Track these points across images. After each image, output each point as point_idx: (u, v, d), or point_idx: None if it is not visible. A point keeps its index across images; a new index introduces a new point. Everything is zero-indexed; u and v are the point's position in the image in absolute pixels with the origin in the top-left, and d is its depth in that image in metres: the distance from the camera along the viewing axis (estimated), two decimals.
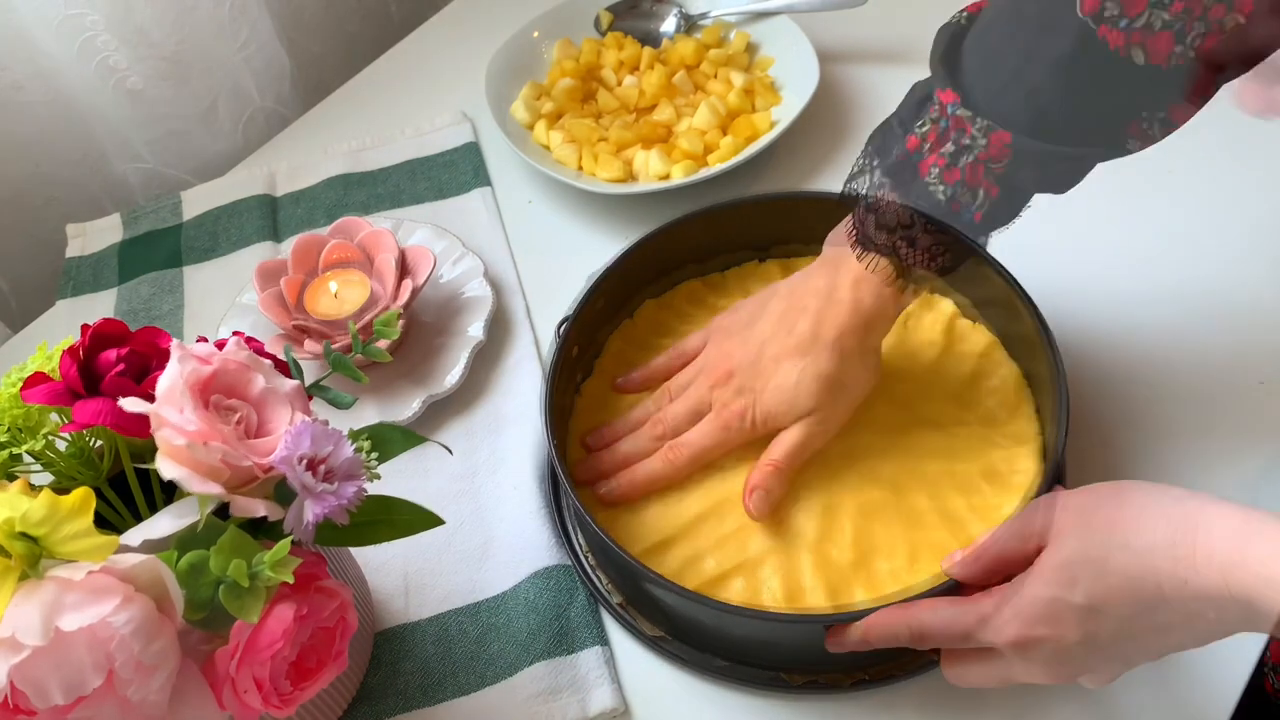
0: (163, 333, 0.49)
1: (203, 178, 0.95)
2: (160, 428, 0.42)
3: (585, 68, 0.90)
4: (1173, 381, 0.67)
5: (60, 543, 0.39)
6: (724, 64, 0.88)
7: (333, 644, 0.45)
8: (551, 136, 0.85)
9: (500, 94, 0.88)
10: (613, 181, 0.81)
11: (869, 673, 0.56)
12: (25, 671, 0.37)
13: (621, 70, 0.90)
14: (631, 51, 0.90)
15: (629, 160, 0.82)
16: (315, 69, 1.06)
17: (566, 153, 0.83)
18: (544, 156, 0.84)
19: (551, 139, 0.85)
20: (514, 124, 0.87)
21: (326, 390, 0.52)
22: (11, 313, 0.93)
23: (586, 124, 0.84)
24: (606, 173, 0.81)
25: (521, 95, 0.88)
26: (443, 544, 0.65)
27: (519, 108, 0.87)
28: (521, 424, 0.70)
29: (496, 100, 0.87)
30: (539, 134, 0.86)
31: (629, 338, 0.71)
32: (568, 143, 0.84)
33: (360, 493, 0.45)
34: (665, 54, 0.90)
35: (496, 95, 0.87)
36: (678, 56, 0.89)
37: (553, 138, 0.85)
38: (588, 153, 0.83)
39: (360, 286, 0.72)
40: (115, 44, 0.86)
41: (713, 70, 0.89)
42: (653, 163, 0.81)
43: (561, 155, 0.83)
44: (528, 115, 0.87)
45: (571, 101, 0.87)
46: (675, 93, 0.87)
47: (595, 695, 0.58)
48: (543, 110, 0.87)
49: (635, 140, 0.83)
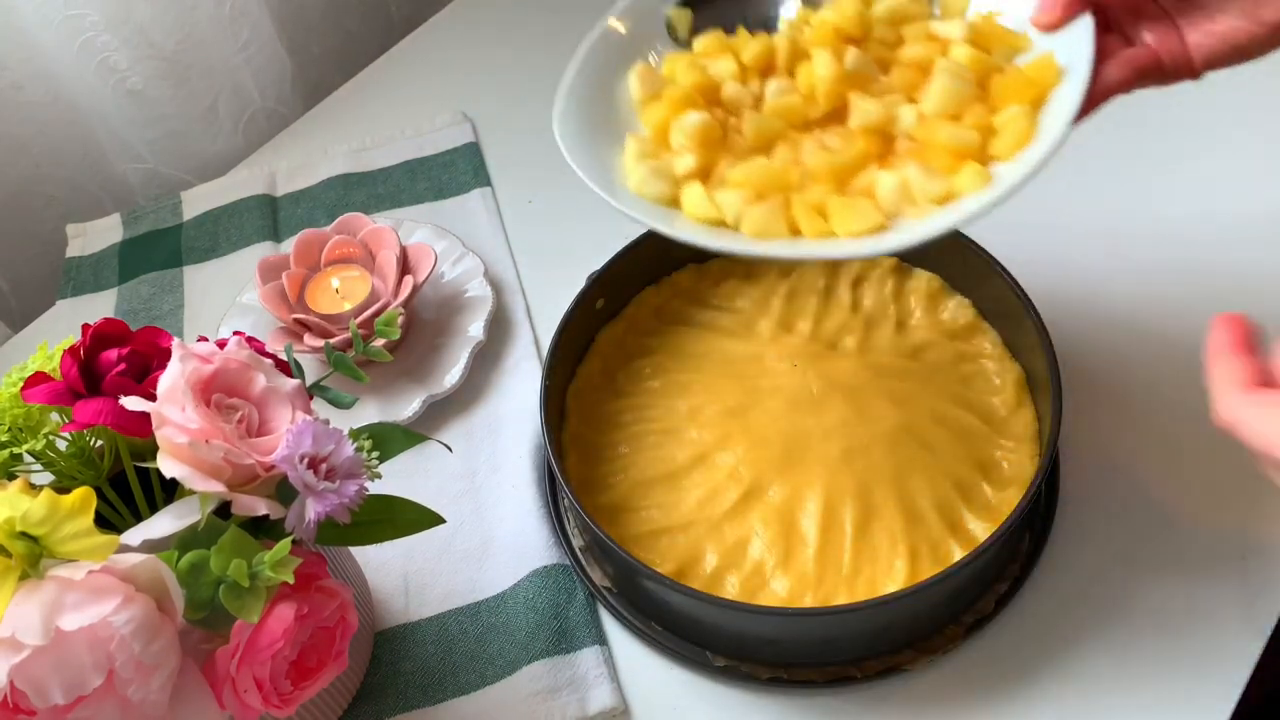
0: (163, 332, 0.49)
1: (203, 178, 0.95)
2: (162, 426, 0.42)
3: (698, 93, 0.57)
4: (1170, 377, 0.67)
5: (60, 542, 0.39)
6: (909, 19, 0.57)
7: (333, 644, 0.45)
8: (723, 202, 0.52)
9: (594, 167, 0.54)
10: (869, 234, 0.50)
11: (864, 669, 0.57)
12: (25, 671, 0.37)
13: (751, 79, 0.58)
14: (756, 49, 0.57)
15: (867, 192, 0.52)
16: (315, 69, 1.06)
17: (764, 218, 0.51)
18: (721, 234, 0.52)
19: (725, 206, 0.52)
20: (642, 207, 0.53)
21: (327, 390, 0.52)
22: (11, 313, 0.93)
23: (770, 166, 0.53)
24: (856, 223, 0.50)
25: (634, 161, 0.55)
26: (443, 544, 0.65)
27: (646, 182, 0.53)
28: (521, 424, 0.70)
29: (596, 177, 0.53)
30: (695, 205, 0.53)
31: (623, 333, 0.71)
32: (757, 202, 0.52)
33: (361, 491, 0.45)
34: (803, 38, 0.58)
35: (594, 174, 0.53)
36: (827, 32, 0.57)
37: (726, 203, 0.52)
38: (800, 206, 0.52)
39: (362, 283, 0.72)
40: (115, 44, 0.86)
41: (894, 34, 0.57)
42: (919, 183, 0.51)
43: (760, 224, 0.51)
44: (664, 185, 0.54)
45: (715, 144, 0.55)
46: (864, 81, 0.56)
47: (595, 694, 0.58)
48: (682, 171, 0.54)
49: (852, 164, 0.53)
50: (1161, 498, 0.62)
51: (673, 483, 0.63)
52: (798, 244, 0.51)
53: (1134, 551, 0.60)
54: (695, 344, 0.70)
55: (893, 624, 0.56)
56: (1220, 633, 0.56)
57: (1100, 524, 0.61)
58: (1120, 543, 0.61)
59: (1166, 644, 0.56)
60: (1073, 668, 0.56)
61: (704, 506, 0.62)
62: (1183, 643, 0.56)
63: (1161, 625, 0.57)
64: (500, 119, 0.94)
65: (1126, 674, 0.55)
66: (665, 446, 0.65)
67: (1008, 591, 0.59)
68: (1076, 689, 0.55)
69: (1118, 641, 0.57)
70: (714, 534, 0.60)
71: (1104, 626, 0.57)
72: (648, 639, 0.60)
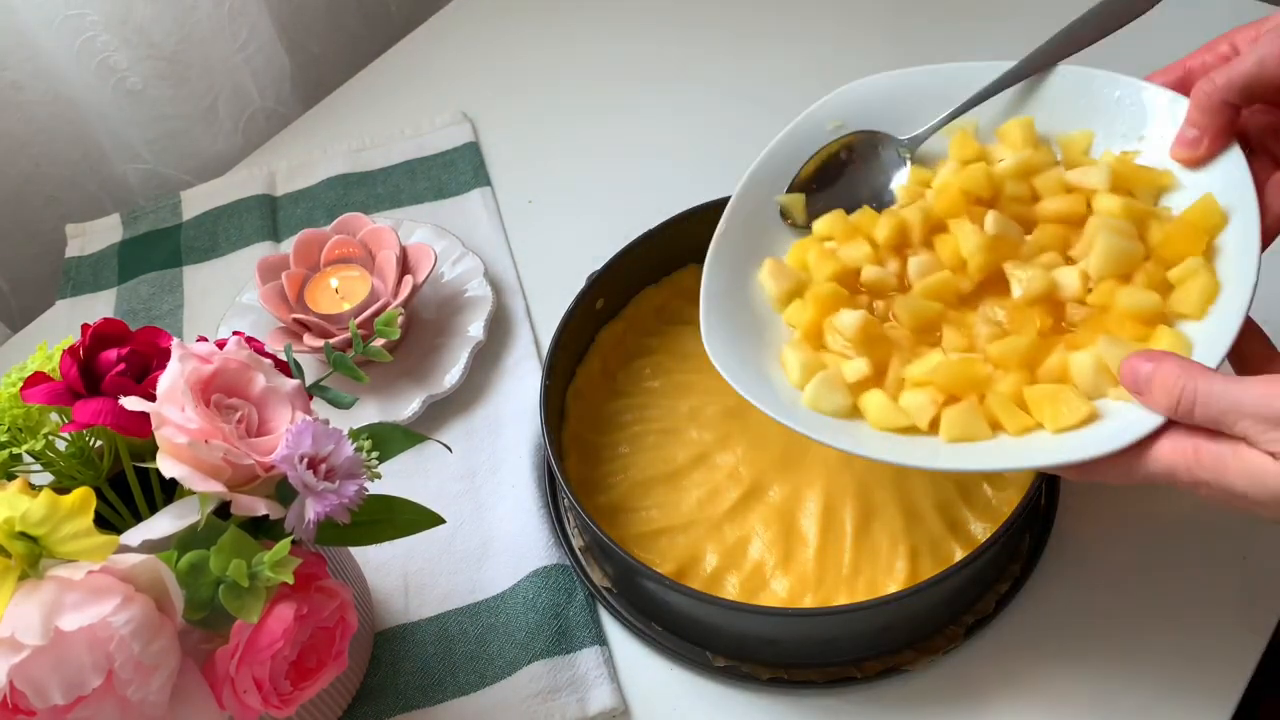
0: (163, 332, 0.49)
1: (203, 178, 0.95)
2: (161, 426, 0.42)
3: (840, 280, 0.54)
4: None
5: (60, 542, 0.39)
6: (1037, 169, 0.55)
7: (333, 644, 0.45)
8: (911, 406, 0.50)
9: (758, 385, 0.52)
10: (1080, 426, 0.47)
11: (864, 669, 0.57)
12: (25, 671, 0.37)
13: (888, 258, 0.55)
14: (889, 227, 0.55)
15: (1061, 376, 0.49)
16: (315, 69, 1.06)
17: (964, 421, 0.49)
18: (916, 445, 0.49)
19: (915, 411, 0.50)
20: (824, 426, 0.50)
21: (327, 390, 0.52)
22: (11, 313, 0.93)
23: (955, 363, 0.50)
24: (1066, 416, 0.47)
25: (798, 371, 0.52)
26: (443, 544, 0.65)
27: (821, 397, 0.51)
28: (521, 424, 0.70)
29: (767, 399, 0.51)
30: (881, 415, 0.50)
31: (623, 333, 0.71)
32: (946, 400, 0.50)
33: (361, 491, 0.45)
34: (933, 207, 0.55)
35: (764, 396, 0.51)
36: (956, 197, 0.54)
37: (914, 407, 0.50)
38: (997, 402, 0.49)
39: (361, 283, 0.72)
40: (115, 44, 0.86)
41: (1026, 188, 0.55)
42: (1117, 359, 0.47)
43: (961, 427, 0.49)
44: (839, 396, 0.51)
45: (877, 341, 0.52)
46: (1011, 245, 0.53)
47: (594, 694, 0.58)
48: (854, 378, 0.51)
49: (1038, 347, 0.50)
50: (1162, 497, 0.62)
51: (673, 483, 0.63)
52: (1017, 451, 0.47)
53: (1134, 552, 0.60)
54: (695, 344, 0.69)
55: (893, 624, 0.56)
56: (1220, 633, 0.56)
57: (1101, 525, 0.61)
58: (1120, 543, 0.60)
59: (1166, 644, 0.56)
60: (1073, 668, 0.56)
61: (704, 506, 0.62)
62: (1183, 643, 0.56)
63: (1162, 625, 0.57)
64: (500, 119, 0.94)
65: (1127, 674, 0.55)
66: (665, 446, 0.65)
67: (1008, 592, 0.59)
68: (1077, 689, 0.55)
69: (1118, 642, 0.57)
70: (714, 534, 0.60)
71: (1104, 627, 0.57)
72: (648, 639, 0.60)
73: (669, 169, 0.86)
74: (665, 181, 0.83)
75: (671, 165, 0.86)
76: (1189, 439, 0.43)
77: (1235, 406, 0.41)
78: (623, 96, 0.94)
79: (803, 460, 0.62)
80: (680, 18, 1.00)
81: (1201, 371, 0.43)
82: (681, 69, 0.95)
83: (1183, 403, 0.43)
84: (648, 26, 1.01)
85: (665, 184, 0.81)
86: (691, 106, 0.92)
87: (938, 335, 0.53)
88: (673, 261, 0.73)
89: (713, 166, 0.83)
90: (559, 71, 0.98)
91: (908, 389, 0.51)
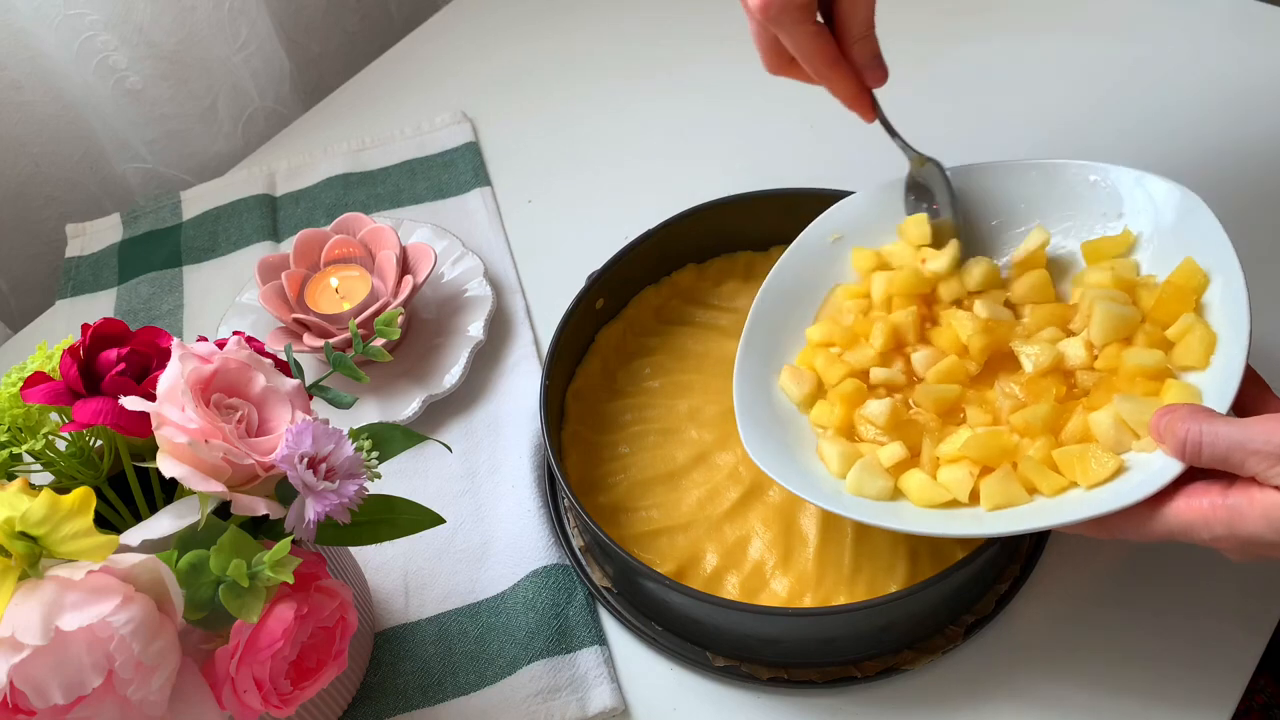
0: (163, 332, 0.49)
1: (202, 178, 0.96)
2: (161, 426, 0.42)
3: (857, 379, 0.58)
4: None
5: (60, 542, 0.39)
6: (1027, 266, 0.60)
7: (333, 644, 0.45)
8: (949, 481, 0.53)
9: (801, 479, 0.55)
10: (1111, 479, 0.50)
11: (864, 669, 0.57)
12: (25, 671, 0.37)
13: (892, 360, 0.59)
14: (882, 334, 0.59)
15: (1084, 436, 0.52)
16: (315, 69, 1.06)
17: (1002, 488, 0.51)
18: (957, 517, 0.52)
19: (954, 485, 0.52)
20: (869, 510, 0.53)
21: (327, 390, 0.52)
22: (11, 313, 0.93)
23: (985, 436, 0.53)
24: (1097, 471, 0.50)
25: (836, 461, 0.55)
26: (442, 544, 0.65)
27: (863, 483, 0.54)
28: (521, 424, 0.70)
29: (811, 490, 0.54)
30: (922, 492, 0.53)
31: (623, 333, 0.71)
32: (982, 472, 0.52)
33: (361, 491, 0.45)
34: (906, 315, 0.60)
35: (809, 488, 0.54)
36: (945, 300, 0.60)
37: (953, 481, 0.53)
38: (1029, 467, 0.52)
39: (361, 282, 0.72)
40: (115, 44, 0.86)
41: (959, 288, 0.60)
42: (1133, 414, 0.50)
43: (1000, 494, 0.51)
44: (880, 480, 0.54)
45: (905, 425, 0.56)
46: (1007, 329, 0.57)
47: (594, 694, 0.58)
48: (890, 462, 0.54)
49: (1061, 412, 0.53)
50: None
51: (673, 483, 0.63)
52: (1056, 510, 0.50)
53: (1134, 552, 0.60)
54: (695, 344, 0.70)
55: (893, 624, 0.56)
56: (1220, 633, 0.56)
57: None
58: (1120, 544, 0.60)
59: (1167, 644, 0.56)
60: (1073, 668, 0.56)
61: (704, 506, 0.62)
62: (1183, 643, 0.56)
63: (1162, 625, 0.57)
64: (500, 119, 0.94)
65: (1127, 674, 0.55)
66: (665, 446, 0.65)
67: (1008, 592, 0.59)
68: (1076, 689, 0.55)
69: (1118, 642, 0.57)
70: (714, 534, 0.60)
71: (1104, 627, 0.57)
72: (648, 639, 0.60)
73: (669, 169, 0.86)
74: (665, 181, 0.83)
75: (671, 165, 0.86)
76: (1204, 496, 0.45)
77: (1241, 445, 0.43)
78: (623, 96, 0.94)
79: None
80: (680, 18, 1.00)
81: (1207, 415, 0.45)
82: (682, 69, 0.95)
83: (1189, 444, 0.45)
84: (648, 27, 1.01)
85: (665, 184, 0.82)
86: (691, 107, 0.92)
87: (961, 415, 0.57)
88: (673, 262, 0.73)
89: (713, 167, 0.84)
90: (559, 71, 0.98)
91: (943, 465, 0.54)
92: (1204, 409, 0.46)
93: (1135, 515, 0.46)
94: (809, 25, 0.54)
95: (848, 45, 0.56)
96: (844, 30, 0.55)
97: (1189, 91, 0.84)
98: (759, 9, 0.53)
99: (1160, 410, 0.48)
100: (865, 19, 0.55)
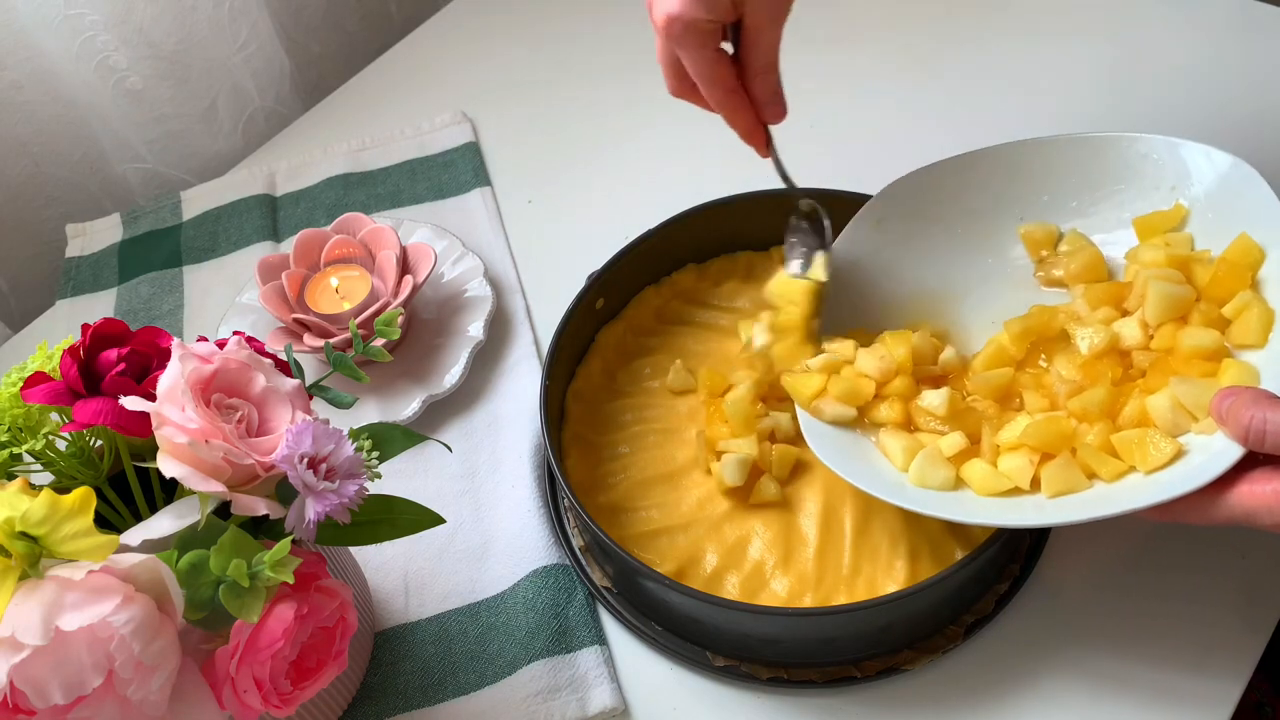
0: (163, 332, 0.49)
1: (203, 178, 0.96)
2: (162, 426, 0.42)
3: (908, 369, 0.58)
4: None
5: (60, 542, 0.39)
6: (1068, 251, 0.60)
7: (333, 644, 0.45)
8: (1010, 469, 0.53)
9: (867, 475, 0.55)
10: (1170, 464, 0.49)
11: (864, 669, 0.57)
12: (25, 671, 0.37)
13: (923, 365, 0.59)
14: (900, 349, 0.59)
15: (1142, 420, 0.52)
16: (315, 69, 1.06)
17: (1063, 475, 0.52)
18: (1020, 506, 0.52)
19: (1015, 473, 0.52)
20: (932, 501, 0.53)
21: (327, 390, 0.52)
22: (11, 312, 0.93)
23: (1043, 423, 0.53)
24: (1156, 456, 0.50)
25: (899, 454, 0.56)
26: (442, 544, 0.65)
27: (926, 473, 0.54)
28: (521, 424, 0.70)
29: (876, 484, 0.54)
30: (984, 481, 0.53)
31: (623, 333, 0.71)
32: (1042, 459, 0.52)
33: (361, 491, 0.45)
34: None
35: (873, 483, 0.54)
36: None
37: (1014, 469, 0.52)
38: (1088, 453, 0.52)
39: (361, 283, 0.72)
40: (115, 44, 0.86)
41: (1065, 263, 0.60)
42: (1190, 397, 0.50)
43: (1061, 481, 0.52)
44: (942, 470, 0.54)
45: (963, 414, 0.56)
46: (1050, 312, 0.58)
47: (594, 694, 0.58)
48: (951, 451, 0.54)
49: (1118, 396, 0.53)
50: None
51: (673, 483, 0.63)
52: (1117, 496, 0.50)
53: (1134, 551, 0.60)
54: (695, 344, 0.70)
55: (893, 624, 0.56)
56: (1220, 633, 0.56)
57: (1100, 525, 0.61)
58: (1120, 543, 0.60)
59: (1166, 644, 0.56)
60: (1073, 668, 0.56)
61: (704, 506, 0.62)
62: (1183, 643, 0.56)
63: (1161, 625, 0.57)
64: (500, 119, 0.94)
65: (1127, 674, 0.55)
66: (665, 446, 0.65)
67: (1008, 591, 0.59)
68: (1076, 689, 0.55)
69: (1118, 641, 0.57)
70: (714, 534, 0.60)
71: (1104, 627, 0.57)
72: (648, 639, 0.60)
73: (669, 169, 0.86)
74: (665, 181, 0.83)
75: (671, 165, 0.86)
76: (1268, 483, 0.45)
77: None
78: (623, 97, 0.94)
79: (802, 459, 0.62)
80: None
81: (1271, 403, 0.45)
82: None
83: (1253, 431, 0.45)
84: (649, 26, 1.00)
85: (665, 184, 0.82)
86: (692, 107, 0.91)
87: (1018, 400, 0.56)
88: (673, 262, 0.73)
89: (712, 167, 0.83)
90: (559, 71, 0.98)
91: (1003, 453, 0.53)
92: (1268, 395, 0.46)
93: (1198, 500, 0.46)
94: (711, 50, 0.53)
95: (749, 78, 0.55)
96: (747, 62, 0.54)
97: (1189, 92, 0.84)
98: (663, 26, 0.52)
99: (1222, 392, 0.48)
100: (768, 53, 0.54)
